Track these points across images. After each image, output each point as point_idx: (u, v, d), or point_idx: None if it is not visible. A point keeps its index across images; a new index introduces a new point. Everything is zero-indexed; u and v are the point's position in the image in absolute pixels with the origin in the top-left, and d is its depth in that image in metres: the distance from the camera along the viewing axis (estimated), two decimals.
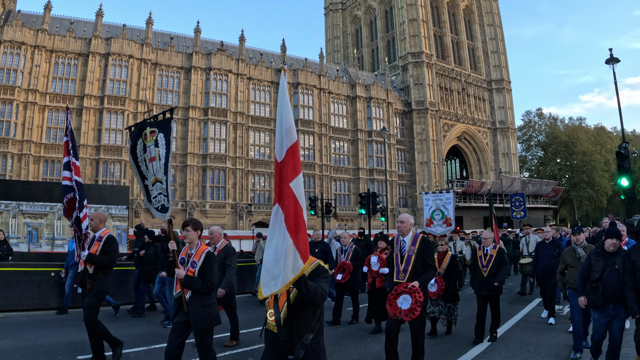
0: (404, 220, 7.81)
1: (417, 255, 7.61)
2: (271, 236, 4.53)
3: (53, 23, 54.38)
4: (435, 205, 24.65)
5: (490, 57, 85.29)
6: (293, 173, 4.61)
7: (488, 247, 11.02)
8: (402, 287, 7.31)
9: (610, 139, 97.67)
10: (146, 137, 7.41)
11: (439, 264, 11.49)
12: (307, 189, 62.79)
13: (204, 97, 58.01)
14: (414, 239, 7.74)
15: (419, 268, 7.60)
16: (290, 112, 4.83)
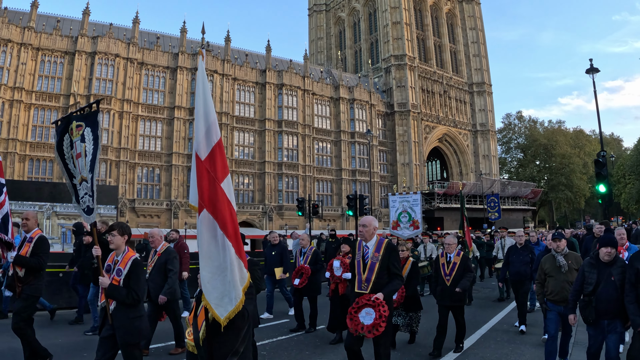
0: (366, 224, 7.02)
1: (381, 263, 6.82)
2: (207, 250, 4.10)
3: (40, 21, 54.31)
4: (402, 207, 24.06)
5: (472, 60, 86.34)
6: (223, 172, 4.24)
7: (451, 253, 10.24)
8: (365, 300, 6.55)
9: (589, 142, 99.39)
10: (72, 132, 6.90)
11: None
12: (290, 189, 63.59)
13: (189, 97, 58.40)
14: (378, 245, 6.94)
15: (384, 277, 6.84)
16: (212, 105, 4.44)
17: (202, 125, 4.39)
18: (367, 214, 38.14)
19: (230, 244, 4.06)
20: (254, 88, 63.97)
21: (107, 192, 33.78)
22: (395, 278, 6.86)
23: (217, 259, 4.09)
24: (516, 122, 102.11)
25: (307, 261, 12.79)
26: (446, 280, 9.95)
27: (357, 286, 6.88)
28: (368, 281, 6.80)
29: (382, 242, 6.95)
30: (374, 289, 6.70)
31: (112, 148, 53.22)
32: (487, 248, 23.80)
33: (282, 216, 61.47)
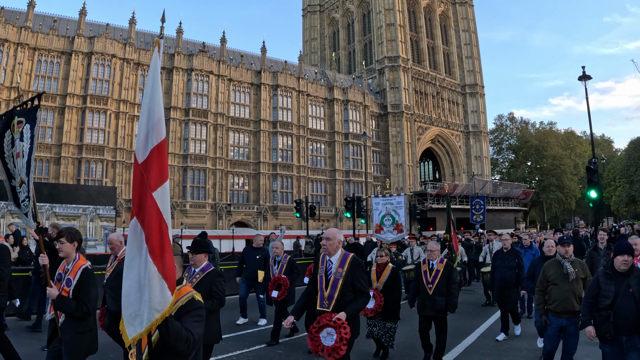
0: (330, 237, 6.48)
1: (345, 279, 6.33)
2: (131, 260, 3.71)
3: (36, 20, 54.36)
4: (386, 210, 23.26)
5: (465, 62, 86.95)
6: (158, 179, 3.79)
7: (434, 260, 9.65)
8: (326, 319, 6.00)
9: (580, 143, 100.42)
10: (14, 129, 6.48)
11: (377, 277, 10.25)
12: (285, 189, 64.04)
13: (185, 98, 58.67)
14: (342, 260, 6.42)
15: (348, 295, 6.34)
16: (161, 102, 3.96)
17: (144, 125, 3.92)
18: (364, 215, 38.60)
19: (151, 260, 3.61)
20: (249, 89, 64.32)
21: (105, 193, 34.28)
22: (360, 296, 6.37)
23: (139, 273, 3.65)
24: (508, 124, 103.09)
25: (282, 271, 12.05)
26: (428, 289, 9.39)
27: (319, 303, 6.40)
28: (330, 299, 6.31)
29: (347, 257, 6.46)
30: (337, 308, 6.21)
31: (108, 148, 53.46)
32: (476, 250, 23.22)
33: (276, 216, 61.91)
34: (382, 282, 10.11)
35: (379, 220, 23.39)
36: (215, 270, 7.07)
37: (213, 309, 6.85)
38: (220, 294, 7.02)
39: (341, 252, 6.49)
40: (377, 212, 23.79)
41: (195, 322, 3.92)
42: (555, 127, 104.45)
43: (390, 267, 10.33)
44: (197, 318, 3.98)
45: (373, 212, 24.17)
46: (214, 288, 6.92)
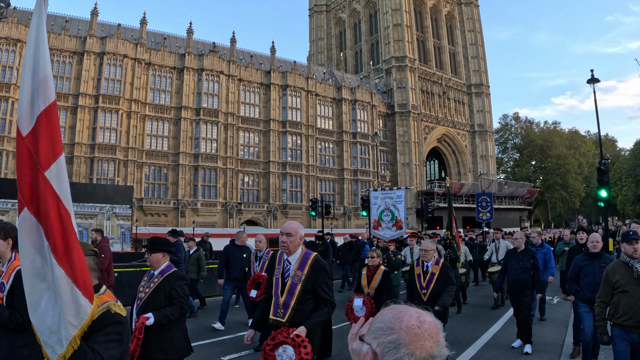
0: (291, 232, 5.46)
1: (305, 284, 5.38)
2: (31, 263, 2.92)
3: (48, 21, 54.05)
4: (385, 205, 21.47)
5: (471, 62, 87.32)
6: (50, 154, 2.95)
7: (429, 262, 8.66)
8: (283, 335, 4.99)
9: (584, 142, 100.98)
10: None
11: (368, 281, 9.34)
12: (294, 188, 64.50)
13: (196, 98, 59.15)
14: (302, 260, 5.47)
15: (308, 303, 5.40)
16: (47, 58, 3.07)
17: (28, 85, 3.02)
18: None
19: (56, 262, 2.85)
20: (258, 89, 64.83)
21: (121, 192, 34.68)
22: (324, 305, 5.40)
23: (46, 277, 2.91)
24: (513, 123, 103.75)
25: (263, 268, 10.84)
26: (422, 295, 8.41)
27: (272, 311, 5.46)
28: (286, 307, 5.35)
29: (308, 258, 5.46)
30: (293, 318, 5.31)
31: (120, 147, 53.91)
32: (480, 250, 22.48)
33: (286, 215, 62.30)
34: (374, 287, 9.18)
35: (377, 216, 21.68)
36: (177, 272, 6.09)
37: (173, 318, 5.71)
38: (182, 300, 5.87)
39: (301, 251, 5.50)
40: (375, 207, 21.97)
41: (107, 342, 3.12)
42: (559, 126, 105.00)
43: (382, 270, 9.35)
44: (112, 337, 3.16)
45: (371, 206, 22.20)
46: (173, 293, 5.81)
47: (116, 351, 3.22)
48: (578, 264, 8.57)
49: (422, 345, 1.47)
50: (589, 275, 8.27)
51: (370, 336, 1.57)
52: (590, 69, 27.61)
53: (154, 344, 5.60)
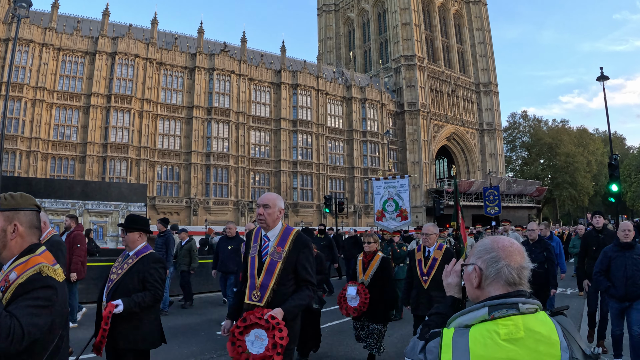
0: (268, 204, 4.77)
1: (285, 263, 4.67)
2: None
3: (60, 21, 55.12)
4: (388, 194, 20.28)
5: (479, 60, 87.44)
6: None
7: (431, 247, 7.97)
8: (255, 316, 4.29)
9: (592, 140, 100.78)
10: None
11: (364, 268, 8.55)
12: (305, 187, 64.75)
13: (207, 97, 59.51)
14: (282, 236, 4.76)
15: (288, 285, 4.67)
16: None
17: None
18: None
19: None
20: (269, 88, 65.17)
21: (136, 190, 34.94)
22: (305, 287, 4.69)
23: None
24: (521, 121, 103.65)
25: None
26: (423, 282, 7.70)
27: (247, 294, 4.71)
28: (264, 288, 4.60)
29: (290, 233, 4.77)
30: (272, 301, 4.54)
31: (132, 147, 54.27)
32: None
33: (297, 213, 62.56)
34: (370, 274, 8.35)
35: (381, 206, 20.45)
36: (153, 254, 5.55)
37: (145, 306, 5.19)
38: (156, 286, 5.34)
39: (282, 226, 4.81)
40: (378, 197, 20.84)
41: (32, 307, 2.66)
42: (567, 124, 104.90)
43: (380, 257, 8.54)
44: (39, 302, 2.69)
45: (374, 196, 21.04)
46: (148, 277, 5.30)
47: (43, 319, 2.68)
48: (608, 255, 7.92)
49: (515, 258, 2.13)
50: (620, 268, 7.64)
51: (473, 258, 2.23)
52: (600, 66, 27.60)
53: (121, 333, 5.09)
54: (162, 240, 13.82)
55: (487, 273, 2.12)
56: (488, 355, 1.86)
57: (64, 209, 30.44)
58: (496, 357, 1.85)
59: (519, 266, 2.10)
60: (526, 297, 2.03)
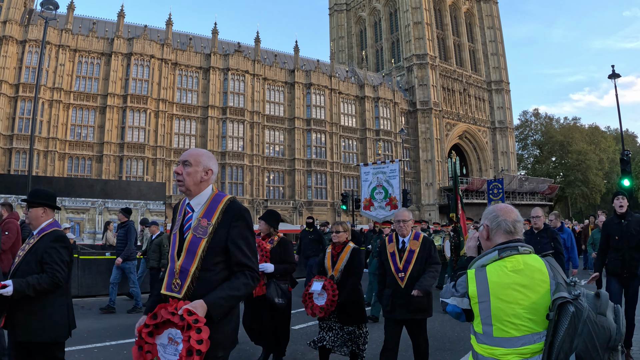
0: (189, 160, 3.55)
1: (212, 240, 3.38)
2: None
3: (76, 23, 55.74)
4: (377, 181, 18.62)
5: (490, 59, 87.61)
6: None
7: (406, 236, 6.54)
8: (168, 311, 3.07)
9: (604, 138, 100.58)
10: None
11: (333, 261, 7.20)
12: (319, 185, 65.15)
13: (222, 97, 60.11)
14: (211, 205, 3.49)
15: (216, 269, 3.38)
16: None
17: None
18: (417, 206, 38.06)
19: None
20: (283, 87, 65.67)
21: (155, 188, 35.51)
22: (240, 273, 3.39)
23: None
24: (533, 119, 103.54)
25: None
26: (399, 279, 6.37)
27: (166, 283, 3.48)
28: (184, 274, 3.37)
29: (220, 201, 3.50)
30: (195, 292, 3.30)
31: (148, 146, 54.88)
32: None
33: (311, 211, 62.80)
34: (339, 269, 7.06)
35: (369, 194, 18.80)
36: (56, 232, 4.84)
37: (41, 289, 4.49)
38: (55, 267, 4.61)
39: (211, 193, 3.56)
40: (366, 184, 19.12)
41: None
42: (579, 122, 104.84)
43: (351, 249, 7.18)
44: None
45: (362, 183, 19.29)
46: (46, 257, 4.61)
47: None
48: None
49: (509, 215, 3.08)
50: None
51: (483, 220, 3.20)
52: (611, 64, 27.96)
53: (19, 322, 4.51)
54: (124, 232, 13.02)
55: (492, 226, 3.06)
56: (500, 281, 2.82)
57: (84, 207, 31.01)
58: (506, 282, 2.81)
59: (512, 220, 3.03)
60: (523, 243, 2.96)
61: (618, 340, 2.55)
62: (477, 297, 2.85)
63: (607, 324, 2.54)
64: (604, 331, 2.52)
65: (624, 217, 7.76)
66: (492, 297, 2.80)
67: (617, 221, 7.83)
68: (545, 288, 2.78)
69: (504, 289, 2.79)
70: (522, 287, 2.77)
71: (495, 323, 2.79)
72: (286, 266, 7.60)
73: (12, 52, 51.18)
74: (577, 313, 2.54)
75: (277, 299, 7.37)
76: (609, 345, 2.53)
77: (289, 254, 7.76)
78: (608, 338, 2.52)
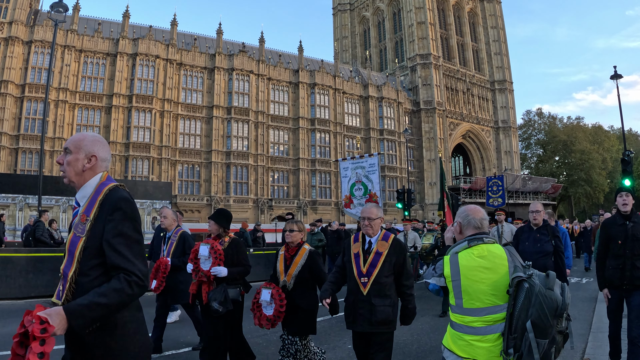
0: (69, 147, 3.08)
1: (89, 238, 2.92)
2: None
3: (81, 23, 56.04)
4: (356, 176, 17.92)
5: (494, 58, 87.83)
6: None
7: (373, 236, 5.46)
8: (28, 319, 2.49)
9: (607, 137, 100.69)
10: None
11: (286, 266, 6.35)
12: (323, 184, 65.41)
13: (226, 97, 60.34)
14: (92, 197, 3.02)
15: (93, 274, 2.91)
16: None
17: None
18: (421, 205, 38.53)
19: None
20: (287, 87, 65.96)
21: (161, 188, 36.00)
22: (116, 278, 2.83)
23: None
24: (536, 119, 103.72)
25: (169, 251, 8.47)
26: (361, 285, 5.30)
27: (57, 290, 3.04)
28: (64, 279, 2.96)
29: (101, 191, 3.01)
30: (72, 299, 2.86)
31: (154, 146, 55.17)
32: None
33: (315, 210, 63.16)
34: (293, 274, 6.22)
35: (349, 191, 17.91)
36: None
37: None
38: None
39: (97, 182, 3.07)
40: (345, 180, 18.22)
41: None
42: (582, 122, 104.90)
43: (307, 251, 6.34)
44: None
45: (341, 180, 18.44)
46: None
47: None
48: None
49: (477, 214, 3.75)
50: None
51: (456, 218, 3.89)
52: (614, 64, 28.26)
53: None
54: None
55: (463, 223, 3.76)
56: (468, 265, 3.53)
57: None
58: (473, 265, 3.51)
59: (480, 218, 3.72)
60: (487, 236, 3.65)
61: (563, 309, 3.21)
62: (451, 276, 3.59)
63: (555, 297, 3.18)
64: (552, 302, 3.16)
65: (629, 217, 6.62)
66: (462, 277, 3.53)
67: (621, 222, 6.67)
68: (505, 270, 3.45)
69: (471, 270, 3.50)
70: (485, 269, 3.47)
71: (464, 297, 3.51)
72: (240, 269, 6.82)
73: (18, 53, 51.47)
74: (531, 288, 3.20)
75: (215, 303, 6.41)
76: (556, 313, 3.18)
77: (242, 255, 6.97)
78: (555, 307, 3.17)
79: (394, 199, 67.53)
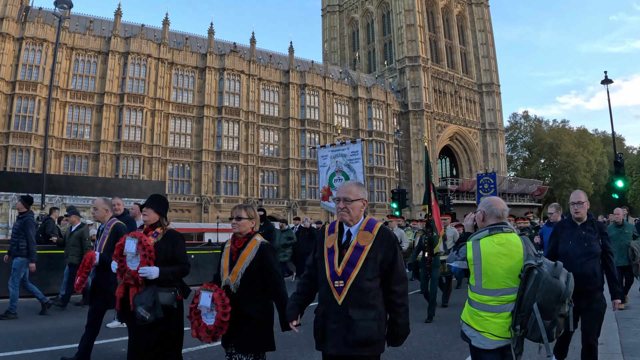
0: None
1: None
2: None
3: (73, 21, 55.74)
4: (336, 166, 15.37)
5: (481, 61, 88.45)
6: None
7: (353, 226, 3.96)
8: None
9: (592, 141, 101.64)
10: None
11: (231, 262, 4.78)
12: (313, 185, 65.65)
13: (217, 96, 60.57)
14: None
15: None
16: None
17: None
18: (409, 206, 38.90)
19: None
20: (278, 88, 66.26)
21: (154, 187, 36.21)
22: None
23: None
24: (522, 122, 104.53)
25: (102, 246, 7.06)
26: (334, 290, 3.86)
27: None
28: None
29: None
30: None
31: (144, 145, 55.23)
32: None
33: (305, 211, 63.34)
34: (239, 272, 4.70)
35: (327, 182, 15.42)
36: None
37: None
38: None
39: None
40: (323, 170, 15.74)
41: None
42: (568, 125, 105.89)
43: (258, 244, 4.79)
44: None
45: (319, 169, 15.87)
46: None
47: None
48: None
49: (499, 205, 4.23)
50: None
51: (480, 207, 4.32)
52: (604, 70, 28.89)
53: None
54: (20, 224, 10.44)
55: (487, 212, 4.20)
56: (489, 251, 4.00)
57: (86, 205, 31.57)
58: (492, 251, 3.98)
59: (501, 209, 4.16)
60: (506, 225, 4.11)
61: (566, 296, 3.69)
62: (472, 260, 4.06)
63: (559, 284, 3.68)
64: (556, 288, 3.67)
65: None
66: (483, 261, 4.01)
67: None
68: (520, 257, 3.94)
69: (491, 256, 3.98)
70: (503, 255, 3.95)
71: (484, 279, 4.00)
72: (176, 268, 5.33)
73: (9, 50, 51.27)
74: (539, 275, 3.71)
75: (141, 308, 4.98)
76: (560, 299, 3.68)
77: (180, 251, 5.47)
78: (559, 294, 3.66)
79: (382, 200, 68.22)
